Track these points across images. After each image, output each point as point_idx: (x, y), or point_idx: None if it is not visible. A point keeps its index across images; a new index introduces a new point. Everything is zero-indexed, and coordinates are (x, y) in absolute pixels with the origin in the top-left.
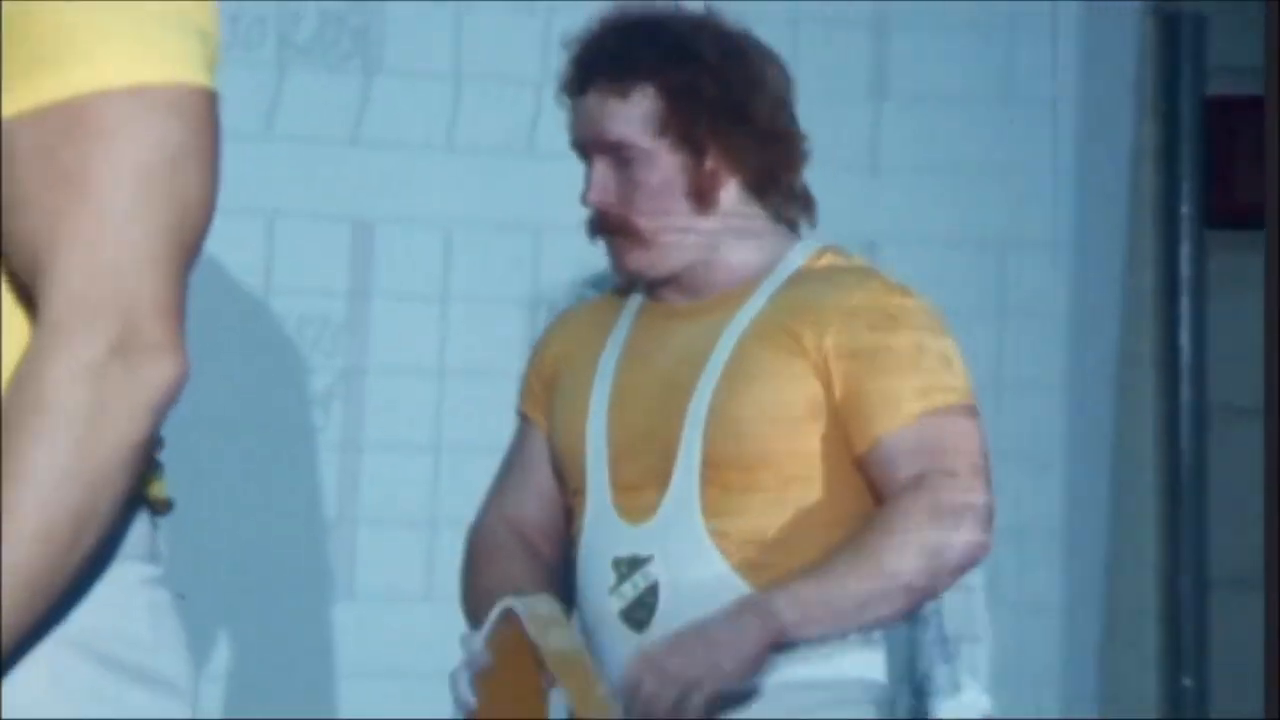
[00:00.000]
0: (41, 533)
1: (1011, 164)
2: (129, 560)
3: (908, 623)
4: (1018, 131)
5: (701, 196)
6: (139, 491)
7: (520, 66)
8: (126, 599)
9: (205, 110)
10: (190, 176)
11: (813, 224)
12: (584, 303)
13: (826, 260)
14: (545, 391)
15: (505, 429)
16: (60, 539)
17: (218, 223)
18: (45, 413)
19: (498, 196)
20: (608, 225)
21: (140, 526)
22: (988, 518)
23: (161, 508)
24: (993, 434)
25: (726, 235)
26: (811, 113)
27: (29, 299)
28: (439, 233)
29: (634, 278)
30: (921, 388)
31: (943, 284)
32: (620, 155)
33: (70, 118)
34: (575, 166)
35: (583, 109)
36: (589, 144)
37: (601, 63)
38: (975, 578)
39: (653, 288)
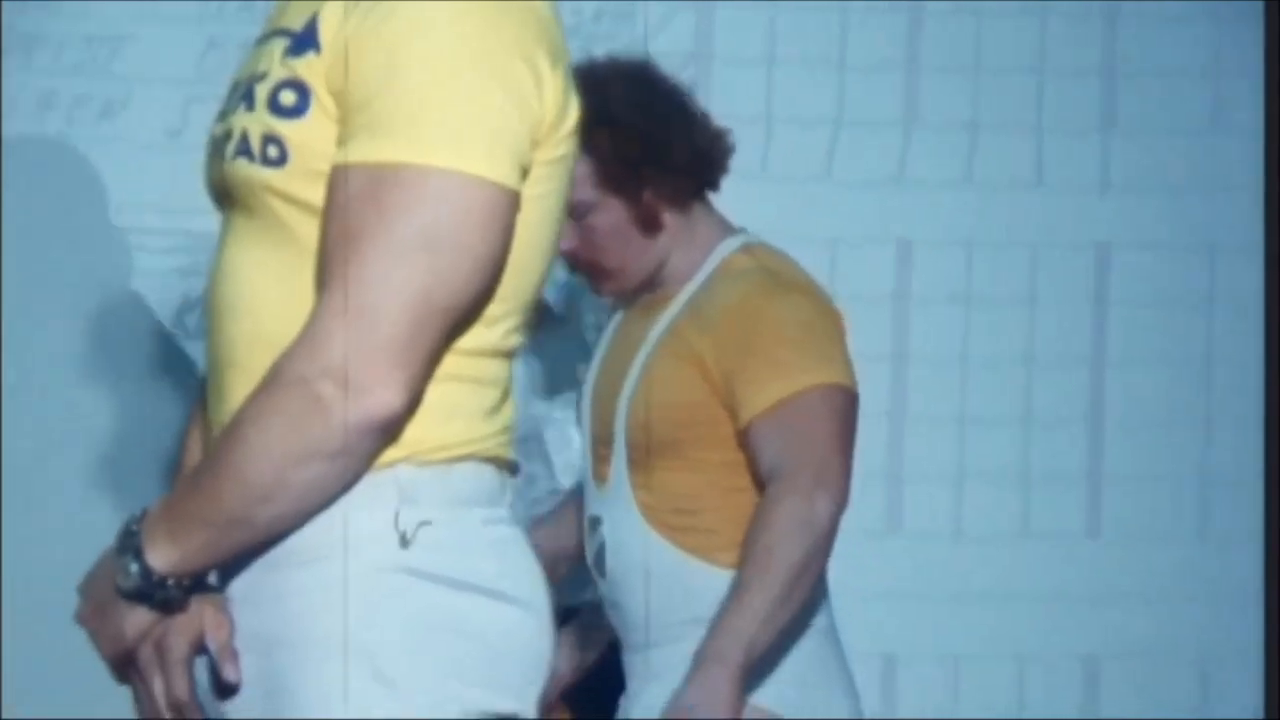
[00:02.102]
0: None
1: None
2: (473, 506)
3: None
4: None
5: (647, 224)
6: (492, 452)
7: (819, 109)
8: (472, 537)
9: (478, 200)
10: (443, 258)
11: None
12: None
13: (741, 259)
14: None
15: None
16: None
17: None
18: (270, 390)
19: (797, 218)
20: (579, 264)
21: (486, 479)
22: (838, 486)
23: (511, 469)
24: None
25: (674, 245)
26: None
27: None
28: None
29: (613, 298)
30: (781, 377)
31: None
32: (574, 210)
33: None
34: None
35: None
36: None
37: None
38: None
39: None
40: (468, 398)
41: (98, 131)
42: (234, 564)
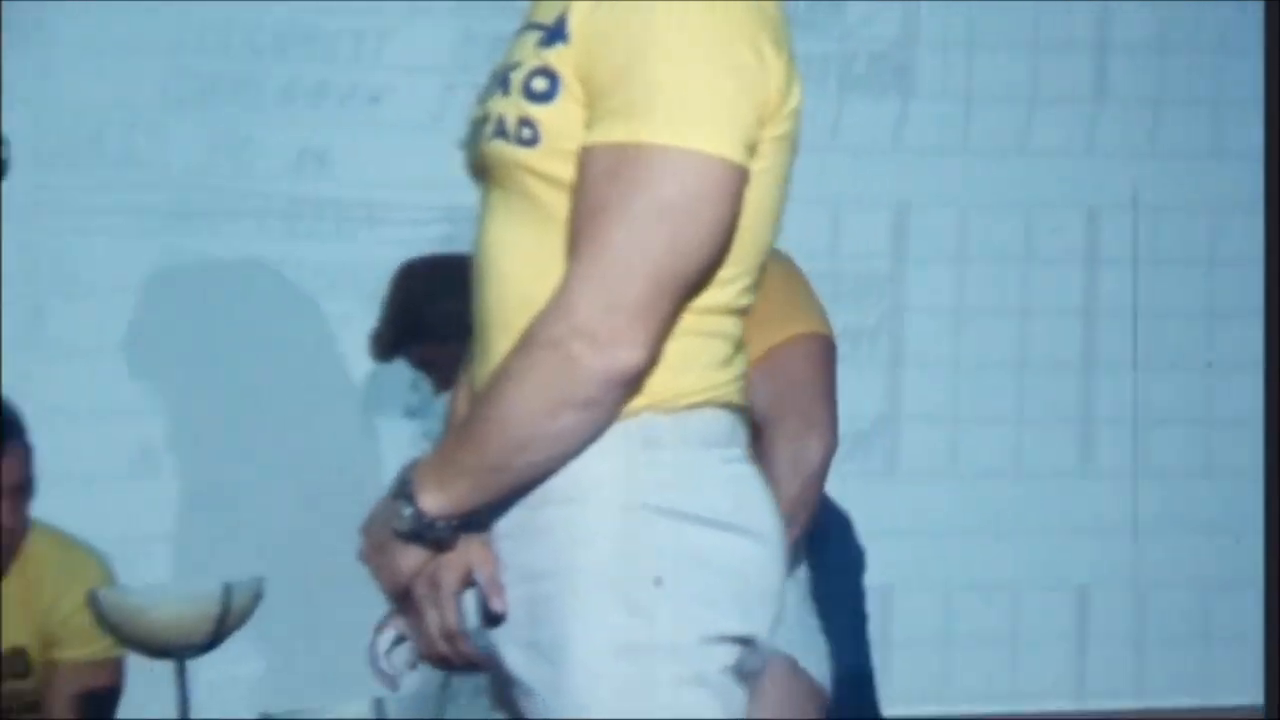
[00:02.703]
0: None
1: None
2: (710, 447)
3: None
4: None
5: None
6: (725, 398)
7: (1015, 88)
8: (710, 475)
9: (711, 175)
10: (680, 228)
11: None
12: None
13: None
14: None
15: None
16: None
17: (794, 208)
18: (527, 350)
19: (995, 187)
20: None
21: (721, 423)
22: (827, 428)
23: (746, 412)
24: None
25: None
26: None
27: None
28: (955, 212)
29: None
30: (765, 328)
31: None
32: None
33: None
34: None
35: None
36: None
37: None
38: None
39: None
40: (703, 351)
41: (367, 115)
42: (498, 504)
